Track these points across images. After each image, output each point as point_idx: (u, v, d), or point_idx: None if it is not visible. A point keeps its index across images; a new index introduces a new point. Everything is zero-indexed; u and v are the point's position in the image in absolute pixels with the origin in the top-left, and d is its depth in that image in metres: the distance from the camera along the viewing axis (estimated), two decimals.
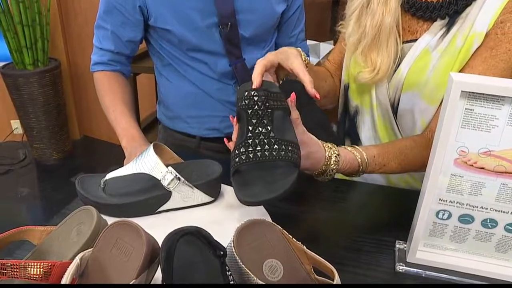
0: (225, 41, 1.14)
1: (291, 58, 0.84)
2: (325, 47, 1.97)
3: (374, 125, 1.03)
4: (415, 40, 0.93)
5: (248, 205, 0.71)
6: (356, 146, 0.87)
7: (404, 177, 1.04)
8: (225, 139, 0.82)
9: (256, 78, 0.77)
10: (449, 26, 0.90)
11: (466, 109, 0.65)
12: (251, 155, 0.72)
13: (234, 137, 0.79)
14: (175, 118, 1.30)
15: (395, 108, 0.98)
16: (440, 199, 0.72)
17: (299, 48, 0.88)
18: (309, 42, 2.00)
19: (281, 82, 0.90)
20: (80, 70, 3.08)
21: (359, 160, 0.85)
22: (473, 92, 0.64)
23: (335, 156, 0.81)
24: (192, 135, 1.30)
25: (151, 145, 0.88)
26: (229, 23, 1.11)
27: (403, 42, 0.95)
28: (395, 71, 0.95)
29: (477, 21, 0.85)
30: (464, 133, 0.66)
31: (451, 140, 0.67)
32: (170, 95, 1.28)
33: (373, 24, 0.93)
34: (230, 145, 0.79)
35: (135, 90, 2.42)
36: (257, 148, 0.72)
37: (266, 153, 0.72)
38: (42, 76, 2.70)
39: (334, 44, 2.00)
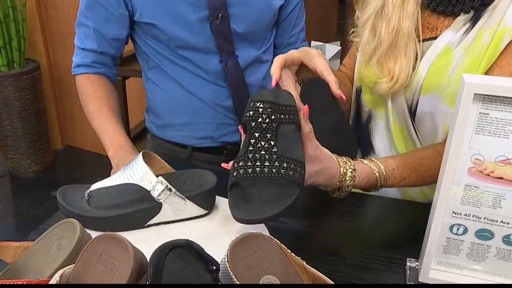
0: (216, 35, 1.15)
1: (315, 57, 0.88)
2: (331, 48, 1.99)
3: (389, 130, 1.03)
4: (435, 38, 0.93)
5: (240, 222, 0.73)
6: (374, 159, 0.88)
7: (423, 189, 1.03)
8: (222, 164, 0.82)
9: (275, 72, 0.80)
10: (474, 21, 0.89)
11: (480, 113, 0.65)
12: (249, 170, 0.74)
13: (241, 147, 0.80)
14: (164, 126, 1.31)
15: (412, 112, 0.97)
16: (453, 212, 0.72)
17: (319, 50, 0.91)
18: (313, 43, 2.03)
19: (302, 83, 0.93)
20: (62, 72, 3.07)
21: (377, 174, 0.86)
22: (488, 95, 0.64)
23: (351, 172, 0.82)
24: (183, 145, 1.30)
25: (140, 154, 0.90)
26: (220, 15, 1.13)
27: (422, 41, 0.94)
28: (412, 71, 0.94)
29: (508, 14, 0.84)
30: (479, 140, 0.67)
31: (464, 147, 0.67)
32: (158, 100, 1.28)
33: (389, 29, 0.92)
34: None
35: (124, 95, 2.41)
36: (257, 164, 0.73)
37: (266, 170, 0.73)
38: (19, 78, 2.69)
39: (341, 45, 2.03)
